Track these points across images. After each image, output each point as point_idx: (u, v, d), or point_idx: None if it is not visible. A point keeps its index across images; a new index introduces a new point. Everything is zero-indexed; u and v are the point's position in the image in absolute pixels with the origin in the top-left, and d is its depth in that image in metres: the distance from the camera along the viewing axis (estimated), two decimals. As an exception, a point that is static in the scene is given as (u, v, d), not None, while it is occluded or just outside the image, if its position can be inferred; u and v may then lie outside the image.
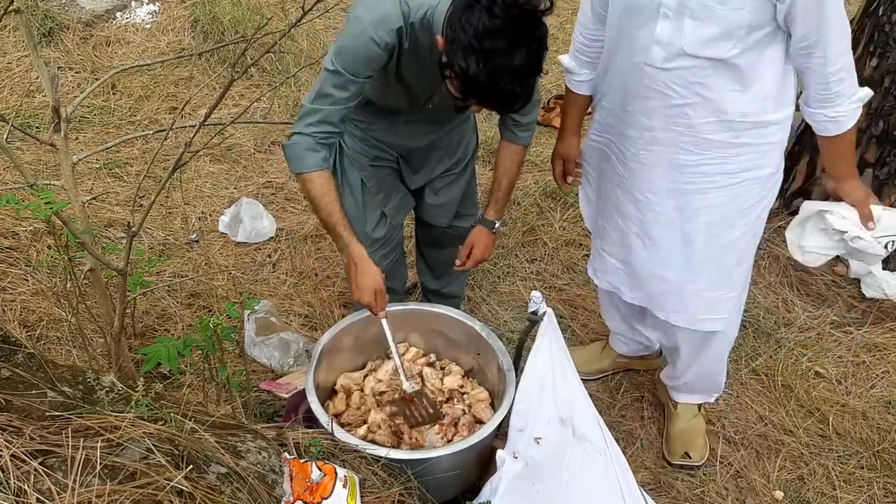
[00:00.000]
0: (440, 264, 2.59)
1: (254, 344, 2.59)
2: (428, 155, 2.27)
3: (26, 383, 1.46)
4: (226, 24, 4.05)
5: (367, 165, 2.22)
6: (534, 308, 1.96)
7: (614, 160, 2.08)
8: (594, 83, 2.07)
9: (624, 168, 2.05)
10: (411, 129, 2.19)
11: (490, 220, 2.23)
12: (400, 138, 2.21)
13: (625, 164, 2.04)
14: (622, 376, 2.69)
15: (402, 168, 2.28)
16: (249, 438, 1.60)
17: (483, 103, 1.74)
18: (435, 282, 2.65)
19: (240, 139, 3.59)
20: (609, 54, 1.96)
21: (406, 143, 2.22)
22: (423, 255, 2.63)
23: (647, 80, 1.85)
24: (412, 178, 2.30)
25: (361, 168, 2.21)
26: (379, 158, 2.23)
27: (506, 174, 2.17)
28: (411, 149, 2.24)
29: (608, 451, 1.99)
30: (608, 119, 2.05)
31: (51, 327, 2.58)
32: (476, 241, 2.25)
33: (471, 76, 1.62)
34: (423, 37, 1.82)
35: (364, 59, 1.83)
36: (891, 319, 2.91)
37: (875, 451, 2.47)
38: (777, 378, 2.69)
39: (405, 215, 2.39)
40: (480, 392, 2.16)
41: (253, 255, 3.06)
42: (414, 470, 1.83)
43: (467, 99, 1.71)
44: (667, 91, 1.84)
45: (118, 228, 3.04)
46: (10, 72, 3.79)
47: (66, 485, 1.21)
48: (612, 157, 2.09)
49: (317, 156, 1.90)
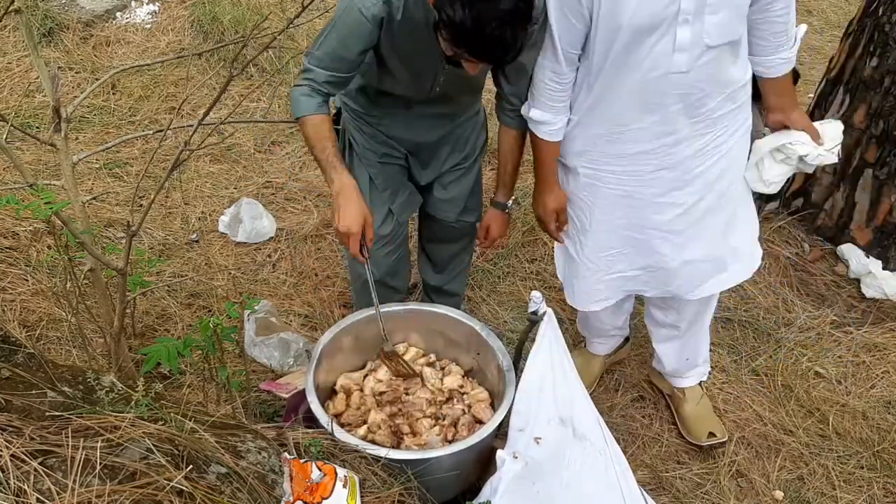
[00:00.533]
0: (443, 260, 2.60)
1: (254, 344, 2.59)
2: (437, 150, 2.28)
3: (26, 383, 1.46)
4: (226, 24, 4.05)
5: (376, 162, 2.23)
6: (534, 308, 1.97)
7: (613, 182, 2.06)
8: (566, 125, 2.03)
9: (637, 181, 2.04)
10: (422, 123, 2.20)
11: (501, 202, 2.31)
12: (410, 132, 2.22)
13: (639, 178, 2.03)
14: (620, 376, 2.69)
15: (412, 164, 2.30)
16: (249, 438, 1.60)
17: (474, 55, 1.75)
18: (437, 277, 2.65)
19: (240, 139, 3.59)
20: (604, 84, 1.91)
21: (416, 137, 2.23)
22: (426, 252, 2.63)
23: (671, 88, 1.87)
24: (422, 173, 2.32)
25: (370, 165, 2.23)
26: (388, 155, 2.24)
27: (509, 157, 2.22)
28: (421, 143, 2.25)
29: (608, 450, 1.99)
30: (597, 147, 2.02)
31: (51, 327, 2.58)
32: (491, 222, 2.35)
33: (457, 23, 1.66)
34: (418, 13, 1.85)
35: (352, 33, 1.87)
36: (891, 319, 2.91)
37: (875, 451, 2.47)
38: (777, 378, 2.69)
39: (412, 212, 2.41)
40: (480, 392, 2.16)
41: (253, 255, 3.06)
42: (414, 470, 1.83)
43: (458, 52, 1.73)
44: (690, 91, 1.88)
45: (118, 228, 3.04)
46: (10, 72, 3.78)
47: (65, 485, 1.21)
48: (610, 180, 2.06)
49: (312, 101, 1.96)
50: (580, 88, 1.96)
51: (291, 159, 3.54)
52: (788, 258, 3.14)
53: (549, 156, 2.09)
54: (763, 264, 3.06)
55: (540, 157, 2.10)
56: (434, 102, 2.13)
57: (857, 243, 3.10)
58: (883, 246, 3.06)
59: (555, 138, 2.04)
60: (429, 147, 2.27)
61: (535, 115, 2.00)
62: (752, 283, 3.00)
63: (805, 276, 3.08)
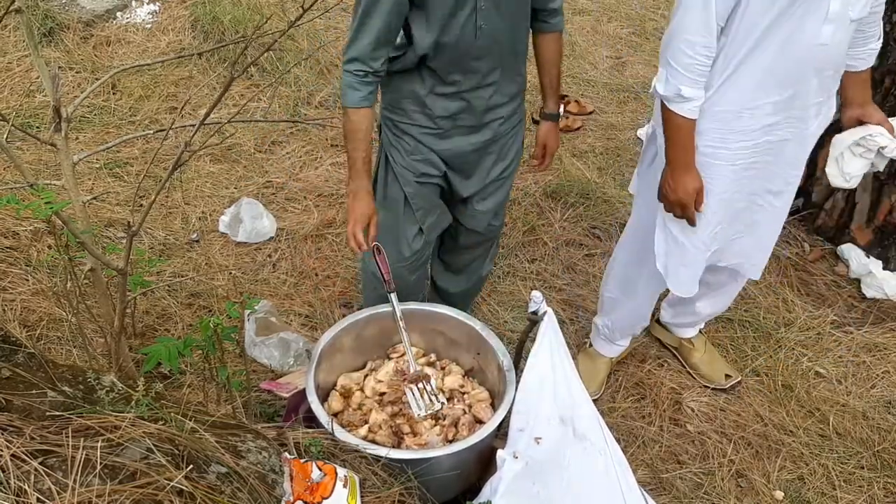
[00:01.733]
0: (465, 265, 2.60)
1: (254, 344, 2.59)
2: (482, 160, 2.25)
3: (27, 383, 1.46)
4: (226, 23, 4.05)
5: (413, 181, 2.21)
6: (534, 308, 1.97)
7: (732, 159, 2.05)
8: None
9: (760, 152, 2.05)
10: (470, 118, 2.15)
11: (553, 112, 2.35)
12: (458, 138, 2.18)
13: (763, 149, 2.04)
14: (620, 376, 2.69)
15: (452, 179, 2.26)
16: (250, 438, 1.60)
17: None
18: (457, 280, 2.64)
19: (240, 139, 3.59)
20: (744, 59, 1.89)
21: (463, 144, 2.19)
22: (446, 263, 2.61)
23: (812, 61, 1.89)
24: (465, 185, 2.28)
25: (406, 184, 2.22)
26: (426, 175, 2.22)
27: (553, 64, 2.26)
28: (467, 153, 2.21)
29: (608, 450, 1.99)
30: (725, 124, 2.00)
31: (51, 327, 2.58)
32: (547, 137, 2.36)
33: None
34: None
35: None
36: (891, 319, 2.91)
37: (875, 451, 2.48)
38: (777, 378, 2.69)
39: (439, 232, 2.40)
40: (480, 392, 2.16)
41: (253, 255, 3.06)
42: (414, 470, 1.83)
43: None
44: (825, 66, 1.93)
45: (118, 228, 3.04)
46: (10, 71, 3.79)
47: (66, 484, 1.21)
48: (728, 157, 2.05)
49: (356, 94, 2.01)
50: (713, 67, 1.94)
51: (292, 159, 3.54)
52: (789, 258, 3.14)
53: (690, 135, 2.00)
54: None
55: (679, 139, 2.00)
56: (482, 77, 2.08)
57: (857, 243, 3.10)
58: (883, 246, 3.06)
59: (696, 116, 1.98)
60: (474, 157, 2.23)
61: (686, 92, 1.91)
62: (752, 282, 3.00)
63: (805, 276, 3.08)
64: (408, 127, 2.16)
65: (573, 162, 3.65)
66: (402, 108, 2.14)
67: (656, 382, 2.66)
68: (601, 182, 3.53)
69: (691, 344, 2.70)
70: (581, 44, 4.59)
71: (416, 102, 2.11)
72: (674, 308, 2.67)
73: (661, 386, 2.65)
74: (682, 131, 1.99)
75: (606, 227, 3.29)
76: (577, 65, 4.41)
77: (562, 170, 3.59)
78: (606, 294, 2.53)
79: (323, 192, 3.37)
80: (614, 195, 3.44)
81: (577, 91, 4.20)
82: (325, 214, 3.24)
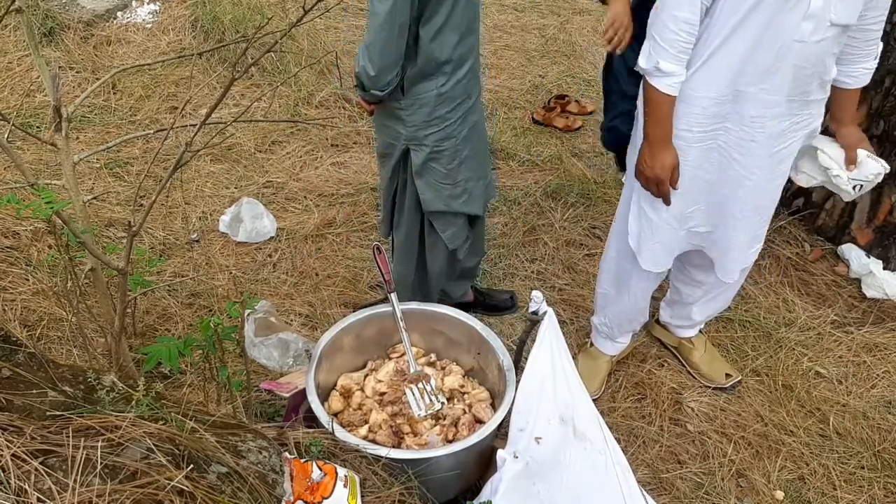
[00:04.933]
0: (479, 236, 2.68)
1: (253, 344, 2.59)
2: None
3: (27, 383, 1.46)
4: (226, 23, 4.05)
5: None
6: (534, 308, 1.97)
7: (707, 139, 2.06)
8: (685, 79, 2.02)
9: (739, 149, 2.06)
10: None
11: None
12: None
13: (741, 146, 2.05)
14: (622, 376, 2.69)
15: None
16: (250, 438, 1.60)
17: None
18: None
19: (240, 139, 3.59)
20: (724, 43, 1.91)
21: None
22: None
23: (790, 56, 1.89)
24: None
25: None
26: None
27: None
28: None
29: (608, 450, 1.99)
30: (714, 108, 2.01)
31: (51, 327, 2.58)
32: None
33: None
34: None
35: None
36: (891, 319, 2.91)
37: (875, 451, 2.47)
38: (777, 378, 2.69)
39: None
40: (481, 392, 2.16)
41: (253, 255, 3.06)
42: (414, 470, 1.83)
43: None
44: (803, 64, 1.92)
45: (119, 228, 3.04)
46: (10, 71, 3.79)
47: (66, 484, 1.21)
48: (704, 138, 2.06)
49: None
50: (700, 52, 1.96)
51: (292, 159, 3.54)
52: (789, 258, 3.14)
53: (669, 111, 2.03)
54: (764, 264, 3.08)
55: (658, 114, 2.03)
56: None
57: (857, 243, 3.10)
58: (883, 246, 3.06)
59: (676, 92, 2.00)
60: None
61: (664, 66, 1.94)
62: (752, 283, 3.00)
63: (805, 275, 3.08)
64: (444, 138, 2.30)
65: (573, 162, 3.65)
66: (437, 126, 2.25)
67: (656, 382, 2.66)
68: (601, 182, 3.53)
69: (691, 343, 2.71)
70: (581, 44, 4.59)
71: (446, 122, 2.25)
72: (671, 308, 2.69)
73: (661, 386, 2.65)
74: (661, 107, 2.02)
75: (607, 227, 3.28)
76: (577, 65, 4.41)
77: (562, 170, 3.59)
78: (600, 290, 2.55)
79: (323, 192, 3.37)
80: (614, 195, 3.43)
81: (577, 91, 4.21)
82: (325, 214, 3.24)
